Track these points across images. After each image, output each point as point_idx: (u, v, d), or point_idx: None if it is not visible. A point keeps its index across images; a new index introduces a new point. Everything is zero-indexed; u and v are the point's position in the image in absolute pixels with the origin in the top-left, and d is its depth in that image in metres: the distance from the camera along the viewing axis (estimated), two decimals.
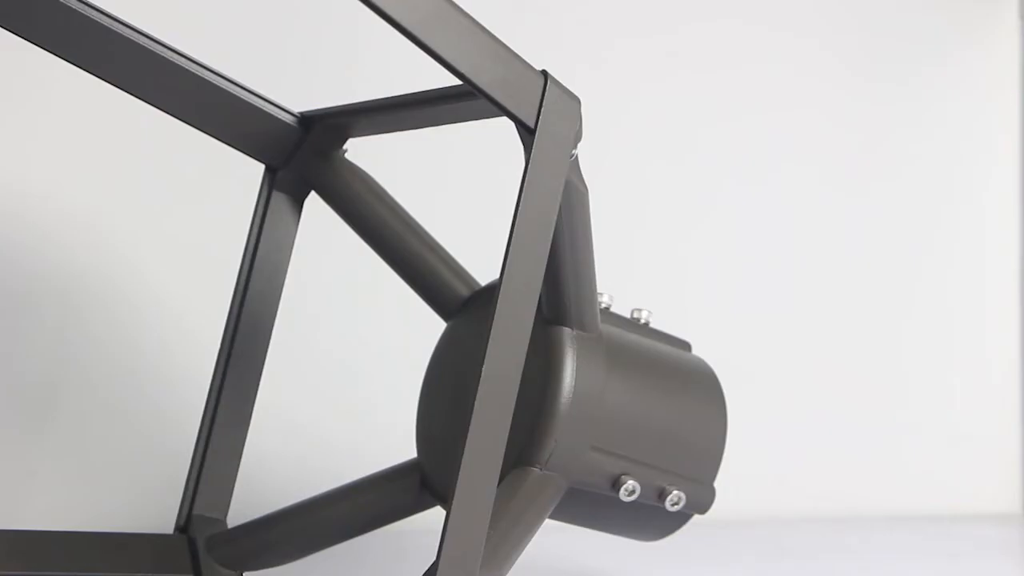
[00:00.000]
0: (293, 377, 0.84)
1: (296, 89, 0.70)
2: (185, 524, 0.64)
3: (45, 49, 0.57)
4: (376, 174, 0.66)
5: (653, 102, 1.15)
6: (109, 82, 0.59)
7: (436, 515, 0.63)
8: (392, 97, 0.61)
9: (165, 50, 0.58)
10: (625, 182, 1.10)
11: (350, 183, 0.65)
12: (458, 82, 0.48)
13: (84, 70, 0.58)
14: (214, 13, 0.85)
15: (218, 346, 0.66)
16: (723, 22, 1.22)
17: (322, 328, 0.90)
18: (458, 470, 0.46)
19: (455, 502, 0.46)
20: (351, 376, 0.92)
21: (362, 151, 0.67)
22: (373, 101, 0.62)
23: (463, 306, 0.64)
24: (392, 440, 0.69)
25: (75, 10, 0.55)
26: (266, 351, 0.67)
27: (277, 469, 0.84)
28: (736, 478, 0.72)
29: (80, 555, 0.62)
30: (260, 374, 0.67)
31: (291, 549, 0.64)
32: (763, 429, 1.13)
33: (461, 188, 0.96)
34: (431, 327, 0.67)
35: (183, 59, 0.59)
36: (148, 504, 0.80)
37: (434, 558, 0.46)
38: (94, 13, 0.55)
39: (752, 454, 0.92)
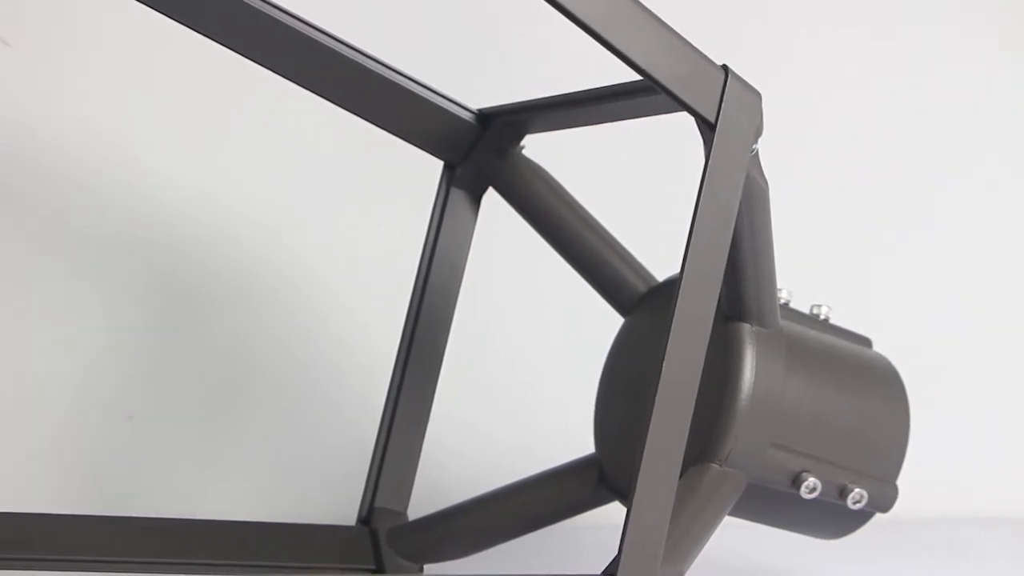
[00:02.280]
0: (468, 373, 0.85)
1: (473, 86, 0.71)
2: (367, 516, 0.65)
3: (230, 48, 0.59)
4: (552, 170, 0.67)
5: (840, 99, 1.13)
6: (292, 80, 0.61)
7: (611, 510, 0.64)
8: (570, 93, 0.61)
9: (346, 48, 0.59)
10: (807, 178, 1.08)
11: (528, 179, 0.66)
12: (636, 77, 0.48)
13: (268, 68, 0.60)
14: (392, 12, 0.86)
15: (397, 342, 0.67)
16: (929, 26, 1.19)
17: (496, 324, 0.91)
18: (638, 466, 0.46)
19: (636, 498, 0.46)
20: (526, 372, 0.92)
21: (538, 147, 0.67)
22: (551, 98, 0.62)
23: (641, 302, 0.64)
24: (567, 437, 0.69)
25: (258, 9, 0.56)
26: (445, 347, 0.68)
27: (454, 465, 0.85)
28: (918, 476, 0.71)
29: (264, 545, 0.64)
30: (439, 369, 0.67)
31: (470, 543, 0.64)
32: (947, 427, 1.10)
33: (636, 183, 0.96)
34: (606, 323, 0.67)
35: (364, 57, 0.60)
36: (327, 497, 0.82)
37: (612, 553, 0.46)
38: (276, 11, 0.57)
39: (935, 452, 0.90)
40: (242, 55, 0.59)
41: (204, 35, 0.58)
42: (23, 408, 0.72)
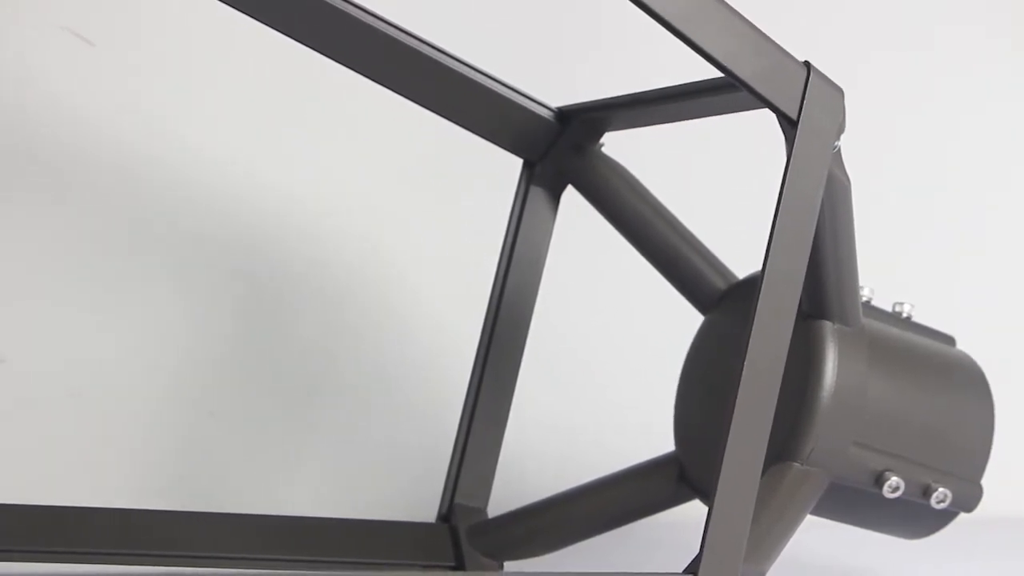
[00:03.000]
0: (547, 370, 0.85)
1: (552, 83, 0.71)
2: (447, 513, 0.66)
3: (314, 49, 0.59)
4: (631, 167, 0.66)
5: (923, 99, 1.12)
6: (374, 80, 0.61)
7: (688, 508, 0.64)
8: (649, 91, 0.61)
9: (427, 47, 0.60)
10: (892, 175, 1.07)
11: (607, 177, 0.66)
12: (717, 75, 0.48)
13: (351, 68, 0.60)
14: (470, 10, 0.86)
15: (476, 340, 0.67)
16: None
17: (576, 322, 0.91)
18: (719, 465, 0.46)
19: (718, 496, 0.46)
20: (606, 370, 0.92)
21: (616, 144, 0.67)
22: (630, 95, 0.62)
23: (721, 299, 0.63)
24: (647, 435, 0.69)
25: (340, 9, 0.57)
26: (524, 344, 0.68)
27: (533, 462, 0.85)
28: (1001, 475, 0.70)
29: (346, 541, 0.64)
30: (518, 367, 0.68)
31: (549, 540, 0.65)
32: None
33: (715, 180, 0.96)
34: (684, 321, 0.66)
35: (444, 56, 0.60)
36: (407, 494, 0.82)
37: (691, 551, 0.46)
38: (358, 11, 0.57)
39: (1018, 450, 0.89)
40: (326, 56, 0.60)
41: (288, 36, 0.58)
42: (114, 405, 0.74)
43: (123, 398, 0.74)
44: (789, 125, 0.48)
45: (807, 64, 0.49)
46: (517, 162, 0.68)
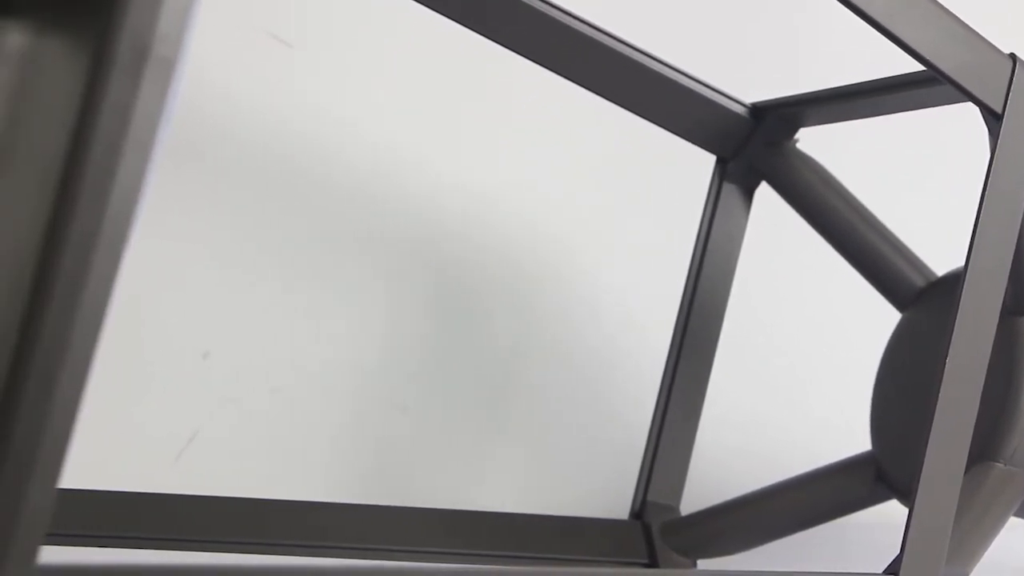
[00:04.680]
0: (740, 368, 0.85)
1: (743, 79, 0.71)
2: (639, 510, 0.66)
3: (507, 47, 0.60)
4: (824, 162, 0.66)
5: None
6: (565, 77, 0.62)
7: (881, 509, 0.63)
8: (846, 85, 0.61)
9: (619, 44, 0.60)
10: None
11: (802, 172, 0.65)
12: (917, 68, 0.47)
13: (543, 66, 0.61)
14: (664, 7, 0.86)
15: (668, 337, 0.67)
16: None
17: (767, 319, 0.90)
18: (920, 465, 0.45)
19: (919, 496, 0.45)
20: (800, 368, 0.91)
21: (809, 139, 0.67)
22: (827, 90, 0.62)
23: (919, 297, 0.62)
24: (840, 433, 0.69)
25: (533, 7, 0.57)
26: (717, 341, 0.68)
27: (726, 460, 0.85)
28: None
29: (539, 537, 0.65)
30: (711, 364, 0.67)
31: (743, 539, 0.64)
32: None
33: (912, 175, 0.94)
34: (882, 318, 0.65)
35: (636, 52, 0.61)
36: (598, 491, 0.82)
37: (881, 551, 0.45)
38: (550, 9, 0.58)
39: None
40: (518, 53, 0.60)
41: (481, 34, 0.59)
42: (312, 401, 0.75)
43: (321, 394, 0.76)
44: (993, 119, 0.47)
45: (1013, 56, 0.48)
46: (709, 159, 0.68)
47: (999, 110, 0.47)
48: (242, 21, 0.73)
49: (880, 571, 0.45)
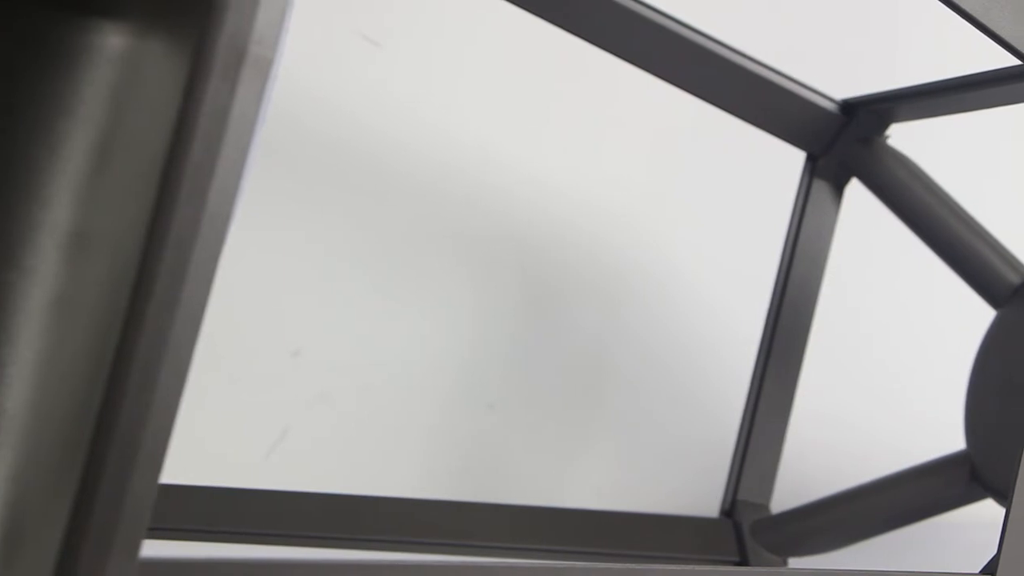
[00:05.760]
0: (831, 366, 0.84)
1: (833, 75, 0.70)
2: (730, 508, 0.66)
3: (595, 44, 0.60)
4: (917, 158, 0.65)
5: None
6: (657, 75, 0.62)
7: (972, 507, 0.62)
8: (939, 81, 0.60)
9: (709, 41, 0.60)
10: None
11: (894, 169, 0.64)
12: (1014, 63, 0.47)
13: (635, 65, 0.61)
14: (755, 5, 0.86)
15: (757, 335, 0.67)
16: None
17: (860, 316, 0.89)
18: (1018, 464, 0.45)
19: (1016, 496, 0.44)
20: (892, 366, 0.90)
21: (900, 136, 0.66)
22: (919, 86, 0.61)
23: (1015, 294, 0.61)
24: (935, 431, 0.68)
25: (627, 8, 0.57)
26: (807, 339, 0.67)
27: (816, 458, 0.84)
28: None
29: (629, 534, 0.65)
30: (801, 362, 0.67)
31: (835, 538, 0.64)
32: None
33: (1006, 170, 0.92)
34: (975, 316, 0.65)
35: (727, 49, 0.61)
36: (688, 489, 0.82)
37: (986, 552, 0.45)
38: (643, 8, 0.58)
39: None
40: (612, 54, 0.60)
41: (569, 32, 0.59)
42: (401, 398, 0.76)
43: (409, 392, 0.76)
44: None
45: None
46: (799, 155, 0.67)
47: None
48: (332, 21, 0.73)
49: (977, 571, 0.45)
